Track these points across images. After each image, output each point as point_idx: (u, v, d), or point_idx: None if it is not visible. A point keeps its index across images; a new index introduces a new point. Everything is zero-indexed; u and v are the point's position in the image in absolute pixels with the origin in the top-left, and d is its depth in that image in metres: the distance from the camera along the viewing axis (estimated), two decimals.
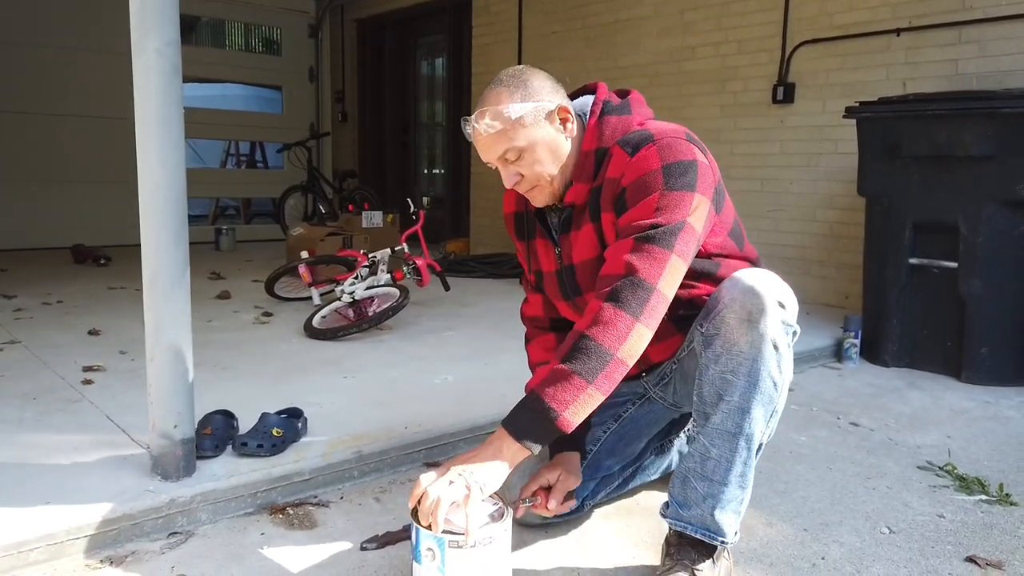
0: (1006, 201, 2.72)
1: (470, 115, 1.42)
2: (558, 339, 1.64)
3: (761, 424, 1.34)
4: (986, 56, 3.35)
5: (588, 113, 1.47)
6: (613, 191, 1.39)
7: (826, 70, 3.91)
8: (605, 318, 1.25)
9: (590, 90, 1.52)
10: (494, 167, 1.45)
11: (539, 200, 1.48)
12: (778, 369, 1.33)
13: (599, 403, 1.26)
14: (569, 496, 1.50)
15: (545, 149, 1.41)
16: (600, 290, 1.30)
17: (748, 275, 1.34)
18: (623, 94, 1.52)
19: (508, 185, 1.45)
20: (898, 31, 3.61)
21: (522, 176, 1.42)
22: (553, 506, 1.46)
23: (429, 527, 1.21)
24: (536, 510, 1.47)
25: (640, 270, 1.27)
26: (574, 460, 1.55)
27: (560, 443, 1.53)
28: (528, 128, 1.38)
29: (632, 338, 1.25)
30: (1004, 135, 2.67)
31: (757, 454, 1.37)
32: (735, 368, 1.32)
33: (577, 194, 1.45)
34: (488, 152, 1.42)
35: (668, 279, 1.29)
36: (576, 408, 1.24)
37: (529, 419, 1.25)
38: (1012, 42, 3.27)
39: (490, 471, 1.24)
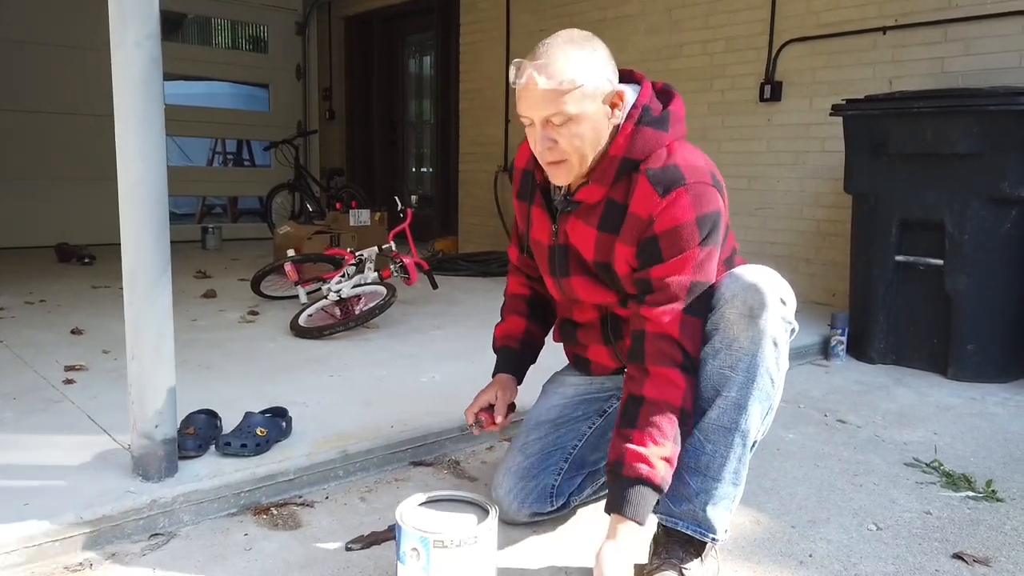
0: (991, 198, 2.73)
1: (518, 63, 1.34)
2: (527, 328, 1.73)
3: (757, 421, 1.34)
4: (971, 54, 3.36)
5: (625, 113, 1.39)
6: (640, 229, 1.36)
7: (813, 68, 3.92)
8: (692, 391, 1.34)
9: (634, 79, 1.45)
10: (527, 123, 1.37)
11: (559, 178, 1.41)
12: (776, 366, 1.33)
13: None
14: (511, 408, 1.64)
15: (591, 126, 1.35)
16: (661, 355, 1.33)
17: (749, 271, 1.34)
18: (666, 99, 1.44)
19: (539, 148, 1.37)
20: (884, 29, 3.62)
21: (556, 144, 1.35)
22: (500, 420, 1.61)
23: None
24: (487, 429, 1.62)
25: (690, 346, 1.34)
26: (510, 379, 1.68)
27: (500, 367, 1.70)
28: (586, 99, 1.32)
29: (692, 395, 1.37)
30: (989, 133, 2.68)
31: (751, 451, 1.37)
32: (734, 363, 1.32)
33: (590, 194, 1.42)
34: (534, 107, 1.33)
35: (700, 341, 1.37)
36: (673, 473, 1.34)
37: (648, 500, 1.30)
38: (997, 40, 3.28)
39: (631, 557, 1.29)
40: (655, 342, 1.33)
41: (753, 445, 1.37)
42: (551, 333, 1.78)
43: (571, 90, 1.30)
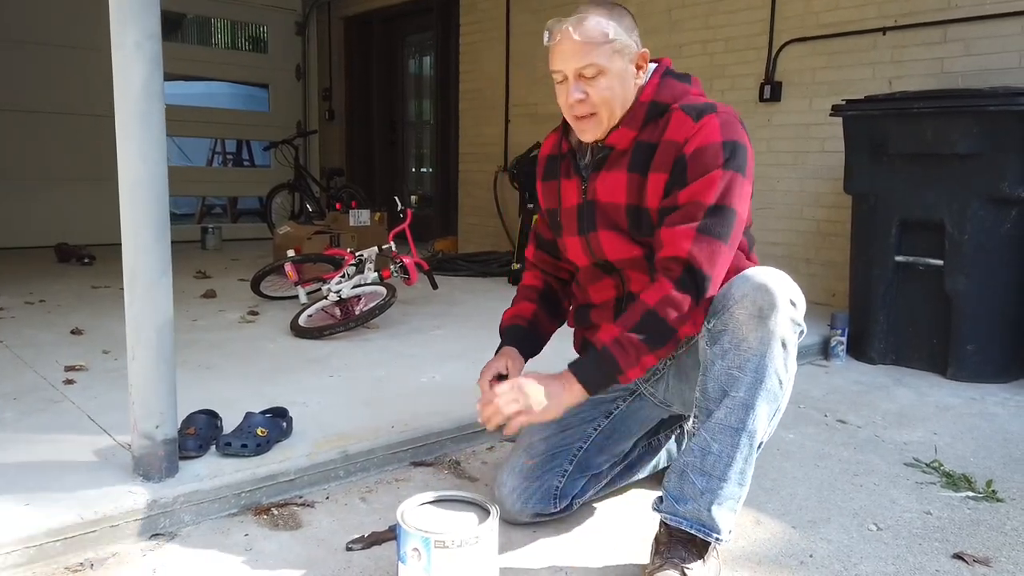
0: (991, 198, 2.73)
1: (553, 22, 1.45)
2: (536, 312, 1.73)
3: (764, 422, 1.34)
4: (971, 55, 3.36)
5: (649, 75, 1.52)
6: (673, 153, 1.43)
7: (812, 68, 3.92)
8: (673, 300, 1.36)
9: (653, 61, 1.57)
10: (560, 79, 1.46)
11: (588, 133, 1.49)
12: (784, 367, 1.33)
13: (653, 367, 1.43)
14: None
15: (619, 81, 1.45)
16: (663, 269, 1.39)
17: (759, 272, 1.35)
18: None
19: (571, 101, 1.45)
20: (884, 30, 3.62)
21: (587, 96, 1.44)
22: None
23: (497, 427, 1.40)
24: None
25: (703, 263, 1.36)
26: (517, 352, 1.66)
27: (506, 342, 1.68)
28: (616, 54, 1.43)
29: (690, 321, 1.38)
30: (989, 133, 2.68)
31: (757, 452, 1.37)
32: (742, 364, 1.32)
33: (620, 138, 1.49)
34: (569, 59, 1.43)
35: (721, 269, 1.39)
36: (637, 369, 1.38)
37: (599, 372, 1.40)
38: (997, 40, 3.28)
39: (551, 400, 1.40)
40: (664, 261, 1.40)
41: (759, 446, 1.37)
42: (567, 319, 1.79)
43: (602, 44, 1.41)
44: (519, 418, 1.39)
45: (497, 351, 1.68)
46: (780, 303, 1.30)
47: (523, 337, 1.70)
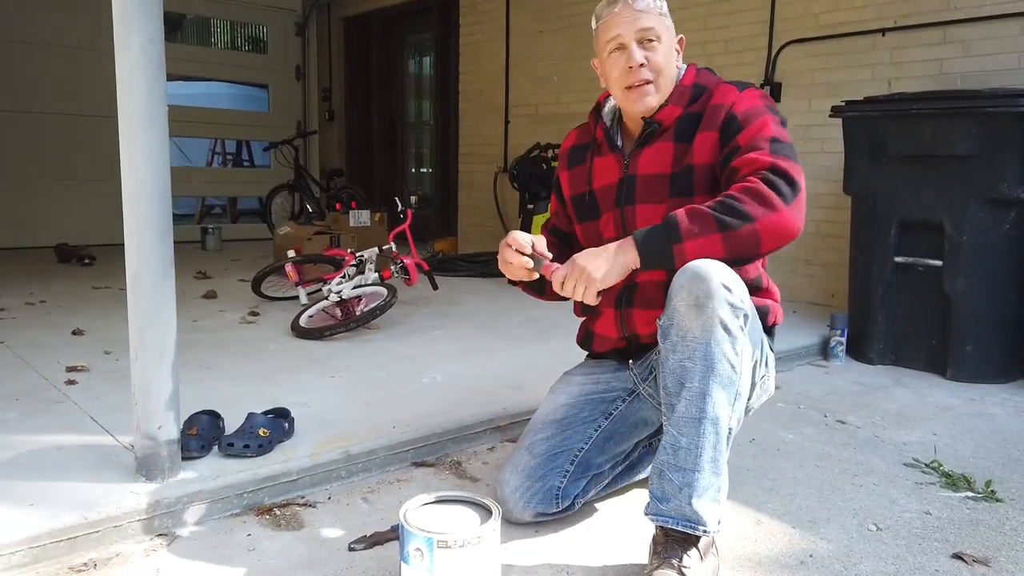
0: (990, 199, 2.74)
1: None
2: (551, 241, 1.73)
3: (726, 407, 1.35)
4: (970, 56, 3.37)
5: (684, 66, 1.66)
6: (721, 114, 1.53)
7: (812, 70, 3.93)
8: (758, 191, 1.39)
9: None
10: (615, 47, 1.55)
11: (643, 101, 1.57)
12: (733, 351, 1.34)
13: (719, 258, 1.37)
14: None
15: (668, 55, 1.58)
16: (750, 172, 1.43)
17: (694, 263, 1.37)
18: None
19: (633, 64, 1.54)
20: (883, 31, 3.63)
21: (648, 62, 1.55)
22: (547, 252, 1.55)
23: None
24: (537, 266, 1.54)
25: (788, 168, 1.43)
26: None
27: None
28: (667, 30, 1.58)
29: (775, 218, 1.38)
30: (988, 134, 2.69)
31: (728, 440, 1.37)
32: (691, 354, 1.34)
33: (669, 114, 1.59)
34: (633, 22, 1.54)
35: (802, 185, 1.44)
36: (696, 243, 1.37)
37: (658, 234, 1.41)
38: (995, 42, 3.29)
39: (609, 263, 1.43)
40: (747, 175, 1.44)
41: (729, 434, 1.37)
42: (573, 307, 1.78)
43: (660, 14, 1.57)
44: (589, 289, 1.43)
45: None
46: (714, 289, 1.32)
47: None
